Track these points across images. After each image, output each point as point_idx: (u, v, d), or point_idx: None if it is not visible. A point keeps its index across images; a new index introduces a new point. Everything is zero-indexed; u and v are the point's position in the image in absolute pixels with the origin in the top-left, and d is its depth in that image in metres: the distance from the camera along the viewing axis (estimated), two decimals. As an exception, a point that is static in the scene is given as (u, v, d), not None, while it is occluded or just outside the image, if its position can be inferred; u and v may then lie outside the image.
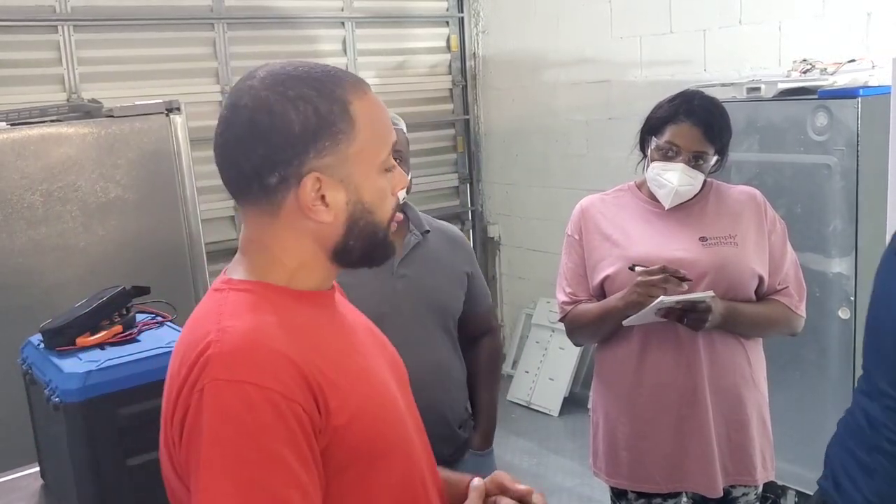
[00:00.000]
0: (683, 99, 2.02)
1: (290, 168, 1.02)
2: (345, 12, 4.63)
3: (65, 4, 3.75)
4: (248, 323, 1.00)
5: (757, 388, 2.09)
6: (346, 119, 1.03)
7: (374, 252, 1.12)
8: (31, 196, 2.60)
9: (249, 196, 1.06)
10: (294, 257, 1.08)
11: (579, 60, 4.45)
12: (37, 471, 1.72)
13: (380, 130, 1.08)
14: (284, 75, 1.04)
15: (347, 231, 1.07)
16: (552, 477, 3.81)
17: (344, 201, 1.05)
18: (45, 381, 1.46)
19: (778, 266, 2.07)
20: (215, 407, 0.94)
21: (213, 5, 4.18)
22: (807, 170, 2.90)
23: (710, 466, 2.02)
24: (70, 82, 3.78)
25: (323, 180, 1.03)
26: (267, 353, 0.97)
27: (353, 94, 1.06)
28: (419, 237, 2.02)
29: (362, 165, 1.05)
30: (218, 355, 0.96)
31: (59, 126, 2.68)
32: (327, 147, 1.02)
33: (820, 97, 2.84)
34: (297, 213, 1.04)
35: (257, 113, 1.02)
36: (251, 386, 0.93)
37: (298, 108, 1.01)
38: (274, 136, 1.01)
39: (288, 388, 0.95)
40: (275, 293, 1.06)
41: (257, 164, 1.02)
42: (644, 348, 2.03)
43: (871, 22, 3.16)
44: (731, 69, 3.64)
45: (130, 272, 2.63)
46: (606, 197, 2.18)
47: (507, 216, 5.13)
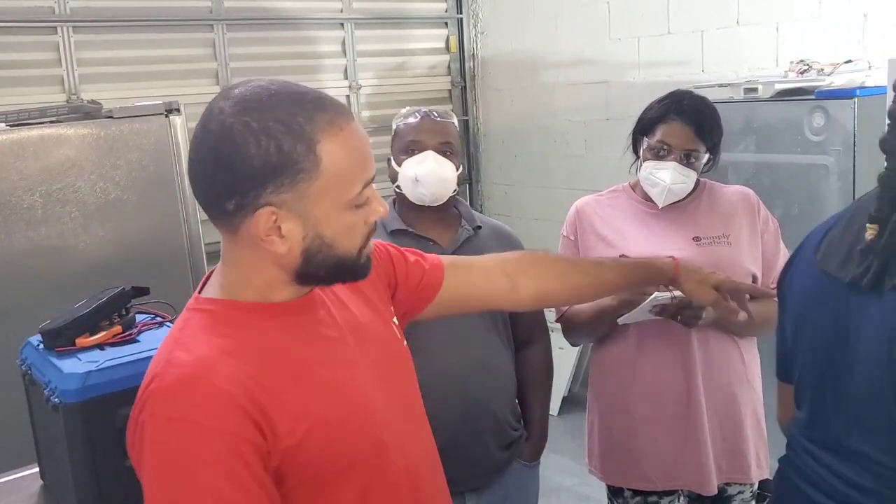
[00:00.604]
0: (673, 98, 2.02)
1: (247, 199, 1.01)
2: (344, 13, 4.64)
3: (64, 6, 3.76)
4: (195, 354, 1.01)
5: (751, 386, 2.09)
6: (310, 158, 1.01)
7: (342, 274, 1.12)
8: (30, 197, 2.60)
9: (213, 216, 1.07)
10: (258, 274, 1.09)
11: (578, 61, 4.46)
12: (36, 471, 1.72)
13: (350, 168, 1.05)
14: (256, 103, 1.02)
15: (305, 261, 1.07)
16: (551, 476, 3.81)
17: (301, 235, 1.04)
18: (44, 381, 1.46)
19: (771, 265, 2.08)
20: (153, 444, 0.96)
21: (212, 6, 4.19)
22: (804, 170, 2.91)
23: (704, 465, 2.03)
24: (69, 83, 3.78)
25: (279, 214, 1.02)
26: (206, 388, 0.97)
27: (325, 131, 1.03)
28: (470, 232, 2.02)
29: (324, 203, 1.04)
30: (157, 391, 0.99)
31: (58, 127, 2.69)
32: (286, 184, 1.01)
33: (817, 98, 2.85)
34: (252, 238, 1.04)
35: (221, 142, 1.01)
36: (187, 423, 0.95)
37: (261, 142, 0.99)
38: (234, 167, 1.00)
39: (225, 423, 0.95)
40: (241, 311, 1.07)
41: (217, 190, 1.03)
42: (640, 347, 2.04)
43: (868, 23, 3.17)
44: (728, 70, 3.65)
45: (130, 273, 2.63)
46: (601, 198, 2.18)
47: (507, 216, 5.13)
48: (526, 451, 2.10)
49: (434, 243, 1.98)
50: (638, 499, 2.13)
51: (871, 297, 1.19)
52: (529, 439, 2.11)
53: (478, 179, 5.28)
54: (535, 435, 2.12)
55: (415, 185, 1.93)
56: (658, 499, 2.12)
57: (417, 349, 1.97)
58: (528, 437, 2.11)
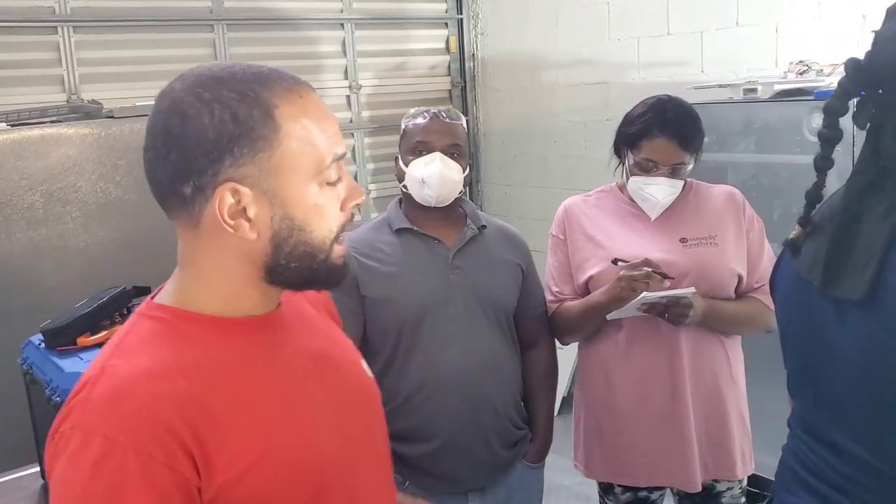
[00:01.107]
0: (655, 113, 2.00)
1: (205, 177, 0.92)
2: (344, 13, 4.65)
3: (64, 6, 3.77)
4: (132, 365, 0.91)
5: (736, 384, 2.11)
6: (268, 124, 0.93)
7: (317, 275, 1.00)
8: (31, 197, 2.61)
9: (170, 208, 0.97)
10: (223, 277, 0.98)
11: (577, 62, 4.47)
12: (37, 471, 1.73)
13: (315, 138, 0.96)
14: (207, 77, 0.95)
15: (275, 249, 0.96)
16: (551, 475, 3.79)
17: (268, 216, 0.94)
18: (45, 380, 1.47)
19: (755, 264, 2.09)
20: (69, 456, 0.87)
21: (212, 6, 4.19)
22: (803, 170, 2.88)
23: (688, 462, 2.04)
24: (70, 83, 3.79)
25: (241, 192, 0.92)
26: (136, 405, 0.87)
27: (283, 97, 0.95)
28: (475, 231, 2.03)
29: (289, 176, 0.94)
30: (85, 401, 0.90)
31: (59, 127, 2.69)
32: (245, 155, 0.92)
33: (816, 98, 2.85)
34: (217, 227, 0.94)
35: (171, 117, 0.93)
36: (108, 441, 0.85)
37: (213, 112, 0.91)
38: (185, 143, 0.91)
39: (148, 446, 0.86)
40: (195, 323, 0.97)
41: (171, 174, 0.93)
42: (628, 345, 2.05)
43: (867, 24, 3.17)
44: (727, 70, 3.65)
45: (130, 272, 2.63)
46: (589, 198, 2.19)
47: (506, 217, 5.11)
48: (530, 452, 2.11)
49: (439, 242, 1.99)
50: (628, 494, 2.15)
51: (836, 302, 1.20)
52: (534, 440, 2.12)
53: (477, 179, 5.29)
54: (539, 436, 2.13)
55: (421, 186, 1.94)
56: (648, 493, 2.13)
57: (423, 348, 1.98)
58: (532, 438, 2.12)
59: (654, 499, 2.16)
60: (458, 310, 1.96)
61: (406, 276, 1.96)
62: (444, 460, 1.96)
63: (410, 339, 1.96)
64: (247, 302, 1.00)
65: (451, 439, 1.94)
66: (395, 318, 1.96)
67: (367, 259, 1.98)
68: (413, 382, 1.94)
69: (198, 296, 0.99)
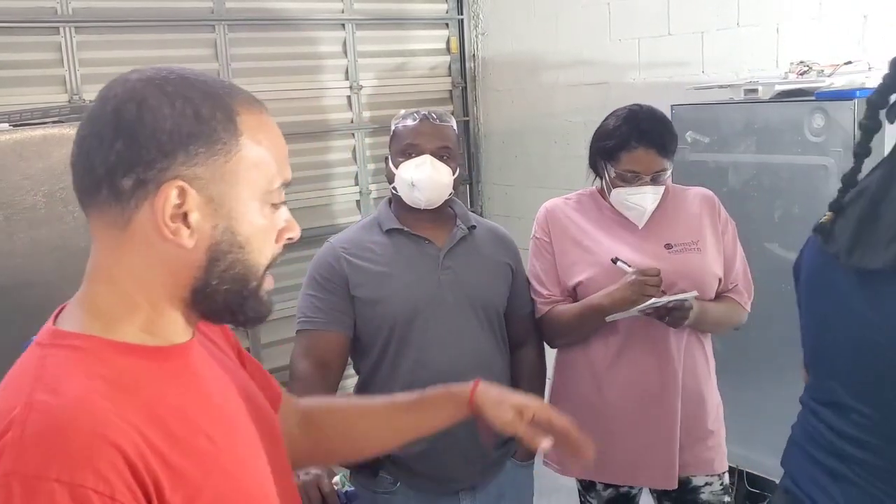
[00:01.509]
0: (630, 124, 2.02)
1: (151, 171, 0.85)
2: (345, 14, 4.65)
3: (66, 6, 3.77)
4: (65, 396, 0.80)
5: (712, 382, 2.18)
6: (229, 128, 0.89)
7: (242, 304, 0.93)
8: (32, 197, 2.61)
9: (95, 204, 0.89)
10: (142, 293, 0.89)
11: (578, 62, 4.47)
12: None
13: (270, 156, 0.92)
14: (170, 72, 0.91)
15: (210, 264, 0.89)
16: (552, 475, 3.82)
17: (210, 225, 0.88)
18: (47, 380, 1.47)
19: (730, 265, 2.14)
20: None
21: (213, 7, 4.20)
22: (804, 171, 2.91)
23: (668, 461, 2.08)
24: (71, 84, 3.79)
25: (188, 193, 0.86)
26: (83, 437, 0.77)
27: (246, 108, 0.91)
28: (465, 231, 2.04)
29: (240, 188, 0.89)
30: (17, 442, 0.76)
31: (60, 127, 2.69)
32: (200, 154, 0.86)
33: (817, 99, 2.85)
34: (150, 229, 0.87)
35: (125, 103, 0.87)
36: (56, 484, 0.74)
37: (175, 104, 0.87)
38: (139, 131, 0.85)
39: (105, 483, 0.76)
40: (117, 352, 0.87)
41: (112, 163, 0.86)
42: (620, 347, 2.07)
43: (868, 24, 3.17)
44: (728, 71, 3.65)
45: (131, 273, 2.64)
46: (569, 201, 2.21)
47: (506, 217, 5.13)
48: (520, 450, 2.12)
49: (429, 242, 2.00)
50: (610, 490, 2.17)
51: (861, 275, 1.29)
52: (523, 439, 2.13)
53: (478, 180, 5.29)
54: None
55: (411, 189, 1.95)
56: (630, 488, 2.16)
57: (414, 348, 1.99)
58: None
59: (635, 493, 2.19)
60: (448, 309, 1.97)
61: (396, 276, 1.97)
62: (435, 460, 1.96)
63: (401, 338, 1.97)
64: (167, 327, 0.92)
65: (441, 439, 1.95)
66: (386, 317, 1.96)
67: (358, 259, 1.98)
68: (403, 382, 1.94)
69: (114, 319, 0.89)
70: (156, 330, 0.91)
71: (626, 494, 2.18)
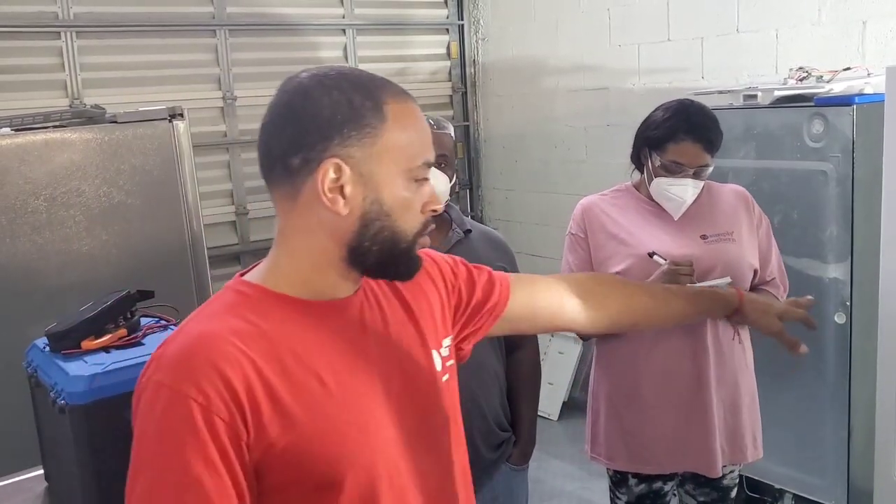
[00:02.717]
0: (681, 117, 2.05)
1: (313, 151, 1.03)
2: (346, 19, 4.66)
3: (67, 11, 3.78)
4: (204, 328, 1.02)
5: (749, 372, 2.19)
6: (377, 115, 1.04)
7: (393, 262, 1.09)
8: (34, 201, 2.62)
9: (274, 179, 1.07)
10: (308, 253, 1.07)
11: (578, 68, 4.48)
12: (41, 473, 1.73)
13: (413, 138, 1.07)
14: (331, 70, 1.08)
15: (362, 229, 1.05)
16: (552, 481, 3.83)
17: (361, 196, 1.04)
18: (50, 383, 1.47)
19: (766, 259, 2.17)
20: (145, 404, 0.99)
21: (215, 12, 4.21)
22: (803, 176, 2.92)
23: (711, 448, 2.11)
24: (73, 88, 3.80)
25: (343, 169, 1.03)
26: (200, 362, 0.98)
27: (394, 98, 1.07)
28: (460, 235, 2.05)
29: (387, 165, 1.05)
30: (161, 356, 1.01)
31: (62, 132, 2.70)
32: (353, 137, 1.03)
33: (816, 104, 2.86)
34: (314, 199, 1.04)
35: (295, 97, 1.05)
36: (173, 391, 0.96)
37: (332, 95, 1.03)
38: (303, 119, 1.03)
39: (207, 398, 0.96)
40: (274, 301, 1.06)
41: (285, 145, 1.04)
42: (655, 338, 2.09)
43: (867, 30, 3.19)
44: (728, 77, 3.67)
45: (134, 276, 2.65)
46: (605, 197, 2.23)
47: (507, 222, 5.15)
48: (514, 454, 2.12)
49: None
50: (643, 486, 2.18)
51: None
52: (518, 442, 2.14)
53: (478, 185, 5.30)
54: (523, 438, 2.15)
55: None
56: (662, 484, 2.17)
57: None
58: (516, 440, 2.13)
59: (667, 489, 2.20)
60: None
61: None
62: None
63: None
64: (325, 284, 1.09)
65: None
66: None
67: None
68: None
69: (281, 276, 1.08)
70: (317, 286, 1.09)
71: (658, 491, 2.19)
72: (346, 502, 1.03)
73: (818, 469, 3.01)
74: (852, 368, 2.88)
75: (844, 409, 2.91)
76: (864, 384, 2.84)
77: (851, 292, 2.85)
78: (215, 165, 4.20)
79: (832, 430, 2.95)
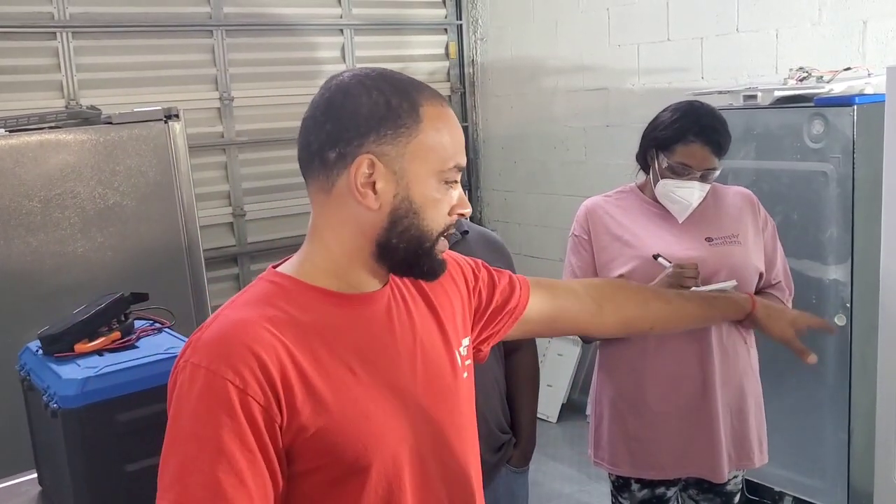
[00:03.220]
0: (690, 118, 2.02)
1: (350, 147, 1.06)
2: (343, 19, 4.65)
3: (63, 11, 3.77)
4: (240, 314, 1.05)
5: (755, 376, 2.17)
6: (413, 116, 1.07)
7: (418, 260, 1.12)
8: (29, 203, 2.60)
9: (311, 171, 1.11)
10: (339, 246, 1.11)
11: (577, 68, 4.47)
12: (34, 477, 1.72)
13: (446, 141, 1.10)
14: (371, 70, 1.11)
15: (391, 225, 1.09)
16: (550, 483, 3.81)
17: (392, 193, 1.07)
18: (43, 387, 1.46)
19: (771, 262, 2.15)
20: (181, 386, 1.01)
21: (211, 12, 4.19)
22: (803, 177, 2.91)
23: (717, 453, 2.08)
24: (68, 89, 3.79)
25: (376, 166, 1.06)
26: (236, 345, 1.00)
27: (430, 101, 1.10)
28: (458, 237, 2.04)
29: (419, 165, 1.08)
30: (198, 340, 1.04)
31: (57, 133, 2.69)
32: (388, 136, 1.06)
33: (816, 105, 2.85)
34: (346, 193, 1.07)
35: (336, 94, 1.09)
36: (210, 373, 0.99)
37: (371, 95, 1.07)
38: (342, 115, 1.07)
39: (244, 381, 0.98)
40: (307, 292, 1.10)
41: (323, 140, 1.07)
42: (659, 341, 2.07)
43: (867, 30, 3.17)
44: (728, 77, 3.66)
45: (129, 279, 2.64)
46: (609, 198, 2.21)
47: (506, 223, 5.13)
48: (514, 456, 2.12)
49: None
50: (645, 491, 2.16)
51: None
52: (518, 445, 2.13)
53: (477, 186, 5.29)
54: (523, 440, 2.14)
55: None
56: (666, 489, 2.15)
57: None
58: (516, 442, 2.12)
59: (670, 495, 2.18)
60: None
61: None
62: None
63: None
64: (355, 278, 1.13)
65: None
66: None
67: None
68: None
69: (313, 268, 1.12)
70: (347, 279, 1.12)
71: (661, 496, 2.17)
72: (372, 488, 1.07)
73: (818, 471, 3.00)
74: (852, 370, 2.87)
75: (844, 411, 2.90)
76: (865, 386, 2.82)
77: (852, 294, 2.84)
78: (212, 166, 4.18)
79: (832, 432, 2.94)
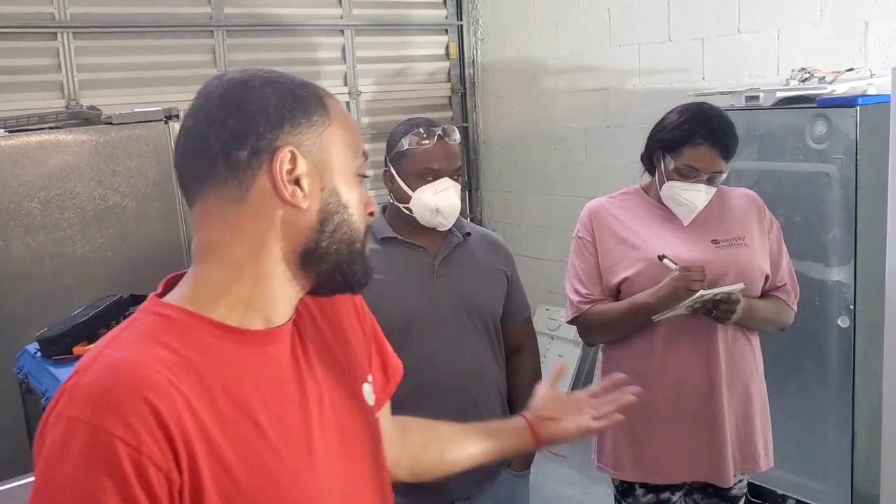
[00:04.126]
0: (699, 120, 2.01)
1: (263, 140, 0.94)
2: (344, 20, 4.64)
3: (64, 12, 3.76)
4: (126, 355, 0.88)
5: (760, 379, 2.16)
6: (321, 105, 0.99)
7: (351, 265, 1.01)
8: (28, 203, 2.60)
9: (213, 180, 0.95)
10: (255, 261, 0.96)
11: (578, 68, 4.46)
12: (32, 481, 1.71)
13: (353, 135, 1.03)
14: (259, 69, 1.02)
15: (320, 225, 0.97)
16: (551, 485, 3.80)
17: (318, 187, 0.96)
18: (41, 390, 1.45)
19: (777, 264, 2.15)
20: (52, 445, 0.84)
21: (212, 13, 4.19)
22: (806, 178, 2.90)
23: (723, 457, 2.08)
24: (69, 89, 3.78)
25: (298, 158, 0.95)
26: (125, 393, 0.84)
27: (327, 95, 1.02)
28: (460, 238, 2.03)
29: (335, 156, 0.99)
30: (74, 388, 0.86)
31: (57, 133, 2.68)
32: (303, 124, 0.96)
33: (818, 106, 2.84)
34: (268, 195, 0.94)
35: (231, 89, 0.97)
36: (93, 428, 0.82)
37: (273, 86, 0.97)
38: (247, 107, 0.95)
39: (137, 438, 0.82)
40: (202, 327, 0.94)
41: (226, 138, 0.94)
42: (665, 345, 2.06)
43: (870, 31, 3.16)
44: (729, 78, 3.65)
45: (128, 280, 2.63)
46: (613, 200, 2.20)
47: (506, 223, 5.13)
48: (516, 460, 2.11)
49: (424, 250, 1.99)
50: (650, 496, 2.15)
51: None
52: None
53: (477, 186, 5.28)
54: None
55: (434, 214, 1.93)
56: (670, 494, 2.14)
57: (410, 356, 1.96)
58: None
59: (675, 500, 2.17)
60: (444, 317, 1.96)
61: (392, 284, 1.95)
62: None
63: (397, 346, 1.94)
64: (263, 302, 0.98)
65: None
66: (382, 326, 1.94)
67: None
68: (400, 390, 1.93)
69: (211, 295, 0.96)
70: (255, 304, 0.97)
71: (665, 501, 2.16)
72: None
73: (822, 474, 2.99)
74: (856, 372, 2.86)
75: (848, 413, 2.89)
76: (868, 388, 2.81)
77: (855, 295, 2.83)
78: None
79: (836, 434, 2.93)
